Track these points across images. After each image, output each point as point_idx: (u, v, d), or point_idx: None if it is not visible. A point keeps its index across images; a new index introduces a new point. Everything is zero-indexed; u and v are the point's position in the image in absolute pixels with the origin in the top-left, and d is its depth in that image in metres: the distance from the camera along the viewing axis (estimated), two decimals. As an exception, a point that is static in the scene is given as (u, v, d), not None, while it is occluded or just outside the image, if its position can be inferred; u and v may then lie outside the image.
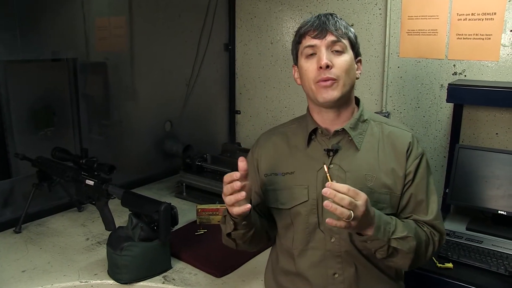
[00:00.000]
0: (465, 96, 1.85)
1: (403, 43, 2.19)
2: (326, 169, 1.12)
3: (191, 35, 2.64)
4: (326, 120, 1.27)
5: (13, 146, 1.98)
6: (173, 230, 1.76)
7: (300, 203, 1.25)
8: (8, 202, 1.96)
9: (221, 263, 1.62)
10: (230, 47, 2.82)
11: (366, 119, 1.29)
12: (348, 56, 1.21)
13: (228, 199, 1.11)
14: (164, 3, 2.48)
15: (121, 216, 1.87)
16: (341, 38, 1.19)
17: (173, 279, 1.53)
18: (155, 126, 2.56)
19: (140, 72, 2.46)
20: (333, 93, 1.19)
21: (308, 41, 1.21)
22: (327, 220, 1.04)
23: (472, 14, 1.98)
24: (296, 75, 1.30)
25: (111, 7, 2.34)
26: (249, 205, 1.11)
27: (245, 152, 2.41)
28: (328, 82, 1.18)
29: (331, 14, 1.23)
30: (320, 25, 1.19)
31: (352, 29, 1.25)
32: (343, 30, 1.20)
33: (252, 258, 1.68)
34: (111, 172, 1.70)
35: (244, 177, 1.11)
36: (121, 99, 2.41)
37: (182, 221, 1.95)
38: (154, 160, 2.58)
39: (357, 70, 1.26)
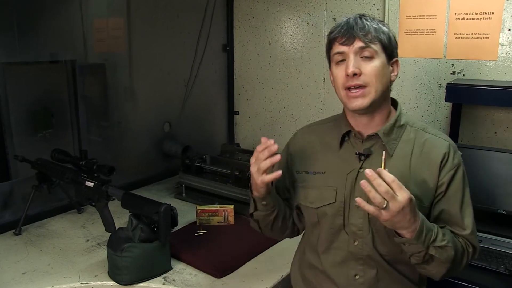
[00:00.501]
0: (464, 96, 1.86)
1: (401, 43, 2.19)
2: (383, 156, 1.05)
3: (189, 36, 2.64)
4: (360, 123, 1.25)
5: (12, 148, 1.97)
6: (173, 231, 1.76)
7: (327, 204, 1.25)
8: (8, 204, 1.96)
9: (221, 263, 1.62)
10: (228, 48, 2.82)
11: (403, 124, 1.24)
12: (378, 61, 1.16)
13: (264, 164, 1.14)
14: (162, 4, 2.48)
15: (121, 218, 1.86)
16: (370, 44, 1.14)
17: (174, 280, 1.53)
18: (154, 127, 2.56)
19: (139, 73, 2.46)
20: (363, 101, 1.16)
21: (337, 47, 1.18)
22: (357, 198, 1.02)
23: (470, 14, 1.99)
24: (331, 78, 1.27)
25: (109, 8, 2.34)
26: (280, 171, 1.14)
27: (244, 152, 2.41)
28: (358, 93, 1.16)
29: (361, 17, 1.18)
30: (348, 31, 1.16)
31: (385, 29, 1.19)
32: (373, 34, 1.15)
33: (252, 259, 1.68)
34: (111, 174, 1.70)
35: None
36: (120, 100, 2.41)
37: (182, 222, 1.95)
38: (153, 161, 2.58)
39: (392, 72, 1.21)
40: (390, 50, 1.19)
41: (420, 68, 2.16)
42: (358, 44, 1.15)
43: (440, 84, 2.11)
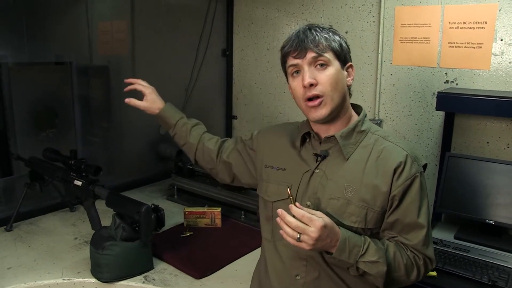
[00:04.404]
0: (454, 105, 1.84)
1: (396, 50, 2.19)
2: (289, 192, 1.14)
3: (190, 40, 2.68)
4: (320, 128, 1.27)
5: (15, 146, 2.02)
6: (159, 231, 1.80)
7: (281, 199, 1.27)
8: (2, 201, 2.00)
9: (202, 265, 1.64)
10: (227, 53, 2.85)
11: (364, 130, 1.24)
12: (332, 69, 1.18)
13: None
14: (165, 9, 2.52)
15: (111, 217, 1.89)
16: (322, 53, 1.17)
17: (153, 279, 1.55)
18: (152, 129, 2.58)
19: (141, 76, 2.44)
20: (322, 111, 1.18)
21: (291, 61, 1.20)
22: (281, 230, 1.09)
23: (464, 23, 1.98)
24: (291, 90, 1.29)
25: (113, 11, 2.39)
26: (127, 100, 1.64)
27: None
28: (316, 102, 1.18)
29: (310, 28, 1.20)
30: (300, 44, 1.17)
31: (337, 37, 1.20)
32: (324, 44, 1.17)
33: (234, 261, 1.70)
34: (98, 173, 1.73)
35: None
36: (122, 102, 2.43)
37: (171, 223, 1.98)
38: (149, 163, 2.62)
39: (348, 77, 1.23)
40: (343, 56, 1.21)
41: (414, 76, 2.16)
42: (311, 55, 1.17)
43: (434, 93, 2.10)
